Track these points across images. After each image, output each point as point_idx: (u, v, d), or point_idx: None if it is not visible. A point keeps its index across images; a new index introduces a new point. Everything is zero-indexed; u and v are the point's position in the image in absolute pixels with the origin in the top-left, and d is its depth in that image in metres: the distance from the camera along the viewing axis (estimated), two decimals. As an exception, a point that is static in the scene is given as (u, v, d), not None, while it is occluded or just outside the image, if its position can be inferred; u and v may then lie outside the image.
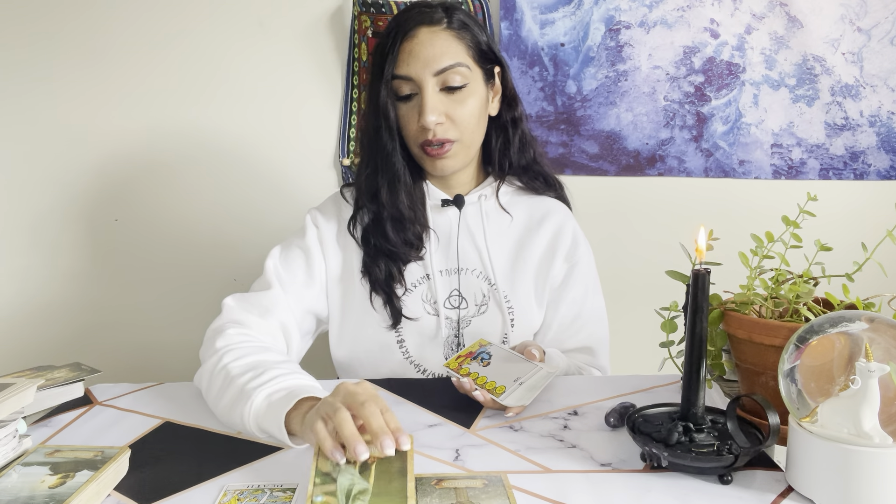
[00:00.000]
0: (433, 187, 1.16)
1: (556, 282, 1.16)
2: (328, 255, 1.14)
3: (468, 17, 1.10)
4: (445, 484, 0.71)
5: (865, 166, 1.70)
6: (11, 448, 0.75)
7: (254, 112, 1.71)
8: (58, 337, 1.78)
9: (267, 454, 0.81)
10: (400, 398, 0.97)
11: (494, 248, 1.15)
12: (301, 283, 1.11)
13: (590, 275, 1.19)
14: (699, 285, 0.72)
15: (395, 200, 1.10)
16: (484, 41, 1.10)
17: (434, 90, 1.05)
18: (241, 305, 1.06)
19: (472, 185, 1.18)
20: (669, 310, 0.88)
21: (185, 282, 1.77)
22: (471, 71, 1.08)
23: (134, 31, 1.67)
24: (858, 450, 0.65)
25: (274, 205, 1.73)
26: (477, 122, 1.10)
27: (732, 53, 1.67)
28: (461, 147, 1.09)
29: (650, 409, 0.82)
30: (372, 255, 1.12)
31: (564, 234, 1.17)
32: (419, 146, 1.09)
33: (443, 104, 1.06)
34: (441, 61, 1.05)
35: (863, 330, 0.70)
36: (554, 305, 1.16)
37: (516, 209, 1.18)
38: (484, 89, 1.11)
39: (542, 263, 1.16)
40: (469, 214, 1.15)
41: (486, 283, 1.13)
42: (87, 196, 1.74)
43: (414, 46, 1.05)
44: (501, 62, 1.14)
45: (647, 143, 1.71)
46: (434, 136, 1.06)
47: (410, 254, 1.12)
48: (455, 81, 1.06)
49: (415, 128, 1.08)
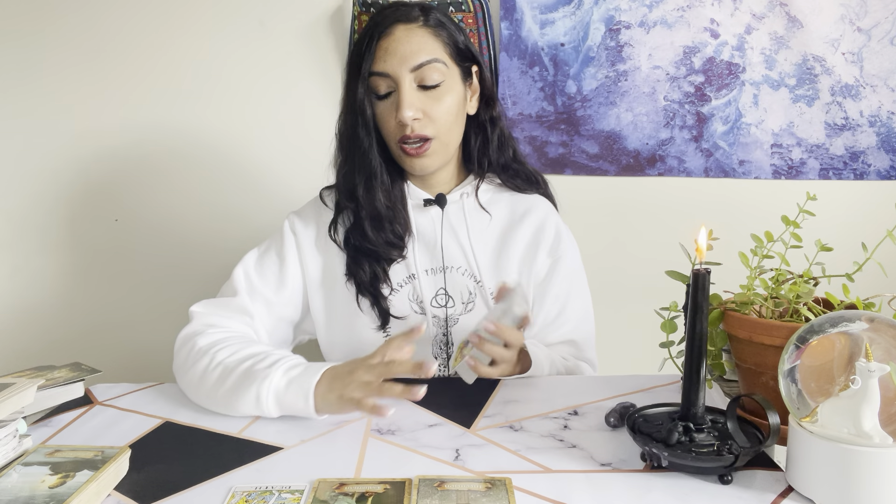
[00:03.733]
0: (414, 187, 1.16)
1: (540, 276, 1.17)
2: (306, 262, 1.14)
3: (445, 17, 1.11)
4: (447, 486, 0.71)
5: (865, 166, 1.70)
6: (11, 448, 0.75)
7: (254, 112, 1.71)
8: (58, 337, 1.78)
9: (267, 454, 0.81)
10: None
11: (478, 245, 1.15)
12: (272, 290, 1.12)
13: (574, 269, 1.19)
14: (699, 285, 0.72)
15: (371, 199, 1.10)
16: (461, 40, 1.11)
17: (411, 86, 1.05)
18: (212, 311, 1.07)
19: (452, 184, 1.18)
20: (669, 310, 0.88)
21: (186, 282, 1.77)
22: (447, 68, 1.08)
23: (134, 30, 1.67)
24: (858, 450, 0.65)
25: (274, 204, 1.73)
26: (454, 119, 1.10)
27: (732, 53, 1.67)
28: (439, 145, 1.09)
29: (650, 409, 0.82)
30: (355, 257, 1.11)
31: (547, 229, 1.17)
32: (398, 144, 1.08)
33: (420, 101, 1.06)
34: (417, 57, 1.05)
35: (863, 330, 0.70)
36: (538, 300, 1.16)
37: (498, 206, 1.18)
38: (461, 87, 1.11)
39: (525, 258, 1.16)
40: (451, 213, 1.15)
41: (472, 281, 1.13)
42: (87, 196, 1.74)
43: (390, 43, 1.05)
44: (479, 61, 1.14)
45: (647, 143, 1.71)
46: (412, 132, 1.06)
47: (392, 253, 1.11)
48: (432, 79, 1.06)
49: (393, 125, 1.07)
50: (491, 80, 1.17)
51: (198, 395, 0.96)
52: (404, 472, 0.75)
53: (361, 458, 0.79)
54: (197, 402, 0.96)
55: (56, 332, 1.78)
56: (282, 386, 0.89)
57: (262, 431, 0.87)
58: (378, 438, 0.84)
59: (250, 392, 0.89)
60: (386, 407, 0.83)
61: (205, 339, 1.01)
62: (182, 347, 1.02)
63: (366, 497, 0.69)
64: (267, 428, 0.88)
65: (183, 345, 1.03)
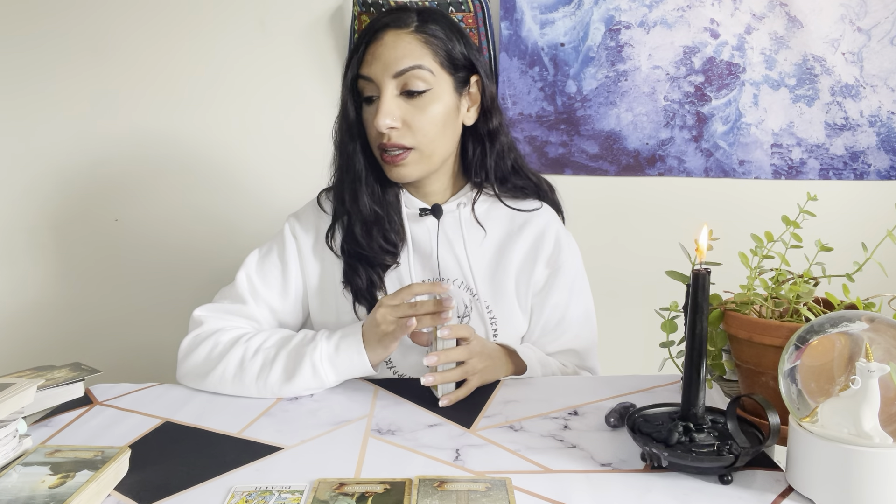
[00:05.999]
0: (410, 196, 1.14)
1: (538, 287, 1.15)
2: (306, 267, 1.14)
3: (446, 24, 1.08)
4: (447, 486, 0.71)
5: (865, 166, 1.70)
6: (11, 448, 0.75)
7: (254, 112, 1.71)
8: (58, 337, 1.78)
9: (267, 454, 0.81)
10: (400, 398, 0.97)
11: (475, 256, 1.13)
12: (275, 294, 1.12)
13: (575, 278, 1.17)
14: (699, 285, 0.72)
15: (358, 202, 1.10)
16: (458, 49, 1.08)
17: (392, 93, 1.04)
18: (219, 315, 1.08)
19: (448, 194, 1.16)
20: (669, 310, 0.88)
21: (187, 282, 1.77)
22: (434, 76, 1.05)
23: (132, 31, 1.67)
24: (858, 450, 0.65)
25: (274, 204, 1.73)
26: (440, 130, 1.07)
27: (732, 53, 1.67)
28: (419, 156, 1.07)
29: (650, 409, 0.82)
30: (351, 264, 1.11)
31: (546, 239, 1.15)
32: (378, 150, 1.08)
33: (400, 109, 1.04)
34: (400, 63, 1.03)
35: (863, 330, 0.70)
36: (537, 310, 1.15)
37: (496, 217, 1.16)
38: (452, 97, 1.08)
39: (522, 270, 1.14)
40: (447, 224, 1.13)
41: (467, 293, 1.12)
42: (87, 196, 1.74)
43: (378, 48, 1.04)
44: (479, 71, 1.11)
45: (647, 143, 1.71)
46: (389, 141, 1.05)
47: (385, 259, 1.10)
48: (416, 86, 1.04)
49: (374, 132, 1.06)
50: (494, 91, 1.14)
51: (237, 385, 0.98)
52: (404, 472, 0.75)
53: (361, 458, 0.79)
54: (234, 392, 0.98)
55: (56, 332, 1.78)
56: (332, 351, 0.98)
57: (262, 431, 0.87)
58: (378, 438, 0.84)
59: (304, 366, 0.96)
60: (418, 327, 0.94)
61: (227, 335, 1.03)
62: (197, 349, 1.02)
63: (366, 497, 0.69)
64: (267, 428, 0.88)
65: (197, 346, 1.03)
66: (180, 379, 1.03)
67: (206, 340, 1.03)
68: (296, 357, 0.98)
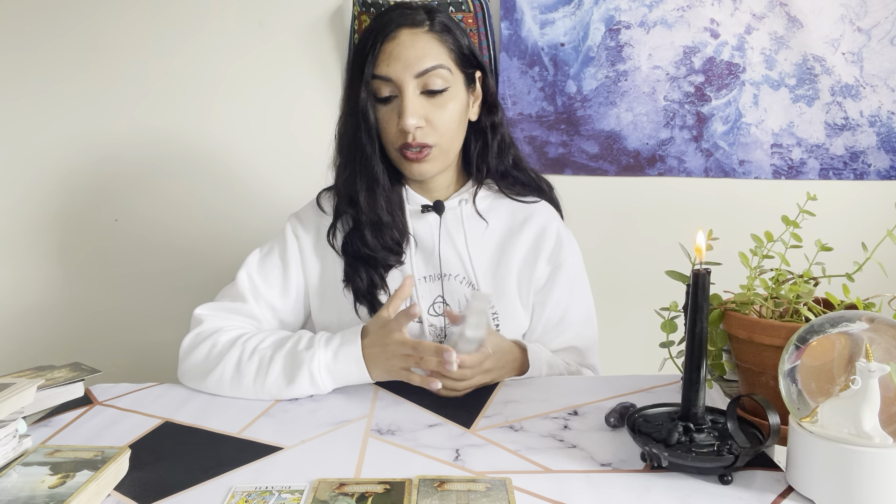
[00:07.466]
0: (413, 192, 1.14)
1: (540, 284, 1.15)
2: (307, 267, 1.14)
3: (450, 21, 1.09)
4: (447, 486, 0.71)
5: (865, 166, 1.70)
6: (11, 448, 0.75)
7: (254, 112, 1.71)
8: (58, 337, 1.78)
9: (267, 454, 0.81)
10: (400, 398, 0.97)
11: (476, 252, 1.13)
12: (276, 294, 1.12)
13: (576, 276, 1.18)
14: (699, 285, 0.72)
15: (374, 205, 1.09)
16: (465, 45, 1.09)
17: (414, 93, 1.04)
18: (220, 315, 1.08)
19: (451, 190, 1.17)
20: (669, 310, 0.88)
21: (187, 282, 1.77)
22: (452, 74, 1.06)
23: (134, 31, 1.67)
24: (858, 450, 0.65)
25: (274, 204, 1.73)
26: (457, 127, 1.09)
27: (732, 53, 1.67)
28: (440, 152, 1.08)
29: (650, 409, 0.82)
30: (352, 264, 1.11)
31: (547, 236, 1.15)
32: (397, 150, 1.07)
33: (423, 108, 1.05)
34: (422, 63, 1.03)
35: (863, 330, 0.70)
36: (539, 307, 1.15)
37: (498, 213, 1.17)
38: (465, 94, 1.10)
39: (524, 266, 1.15)
40: (449, 220, 1.14)
41: (469, 289, 1.12)
42: (87, 196, 1.74)
43: (395, 48, 1.04)
44: (483, 67, 1.13)
45: (647, 143, 1.71)
46: (413, 140, 1.05)
47: (390, 259, 1.11)
48: (436, 85, 1.05)
49: (394, 131, 1.06)
50: (494, 86, 1.16)
51: (234, 387, 0.97)
52: (404, 472, 0.75)
53: (361, 458, 0.79)
54: (232, 394, 0.98)
55: (56, 332, 1.78)
56: (330, 359, 0.96)
57: (262, 431, 0.87)
58: (378, 438, 0.84)
59: (302, 373, 0.95)
60: (434, 381, 0.92)
61: (226, 336, 1.03)
62: (197, 348, 1.02)
63: (366, 497, 0.69)
64: (267, 428, 0.88)
65: (197, 345, 1.03)
66: (181, 377, 1.04)
67: (206, 340, 1.03)
68: (293, 363, 0.97)
